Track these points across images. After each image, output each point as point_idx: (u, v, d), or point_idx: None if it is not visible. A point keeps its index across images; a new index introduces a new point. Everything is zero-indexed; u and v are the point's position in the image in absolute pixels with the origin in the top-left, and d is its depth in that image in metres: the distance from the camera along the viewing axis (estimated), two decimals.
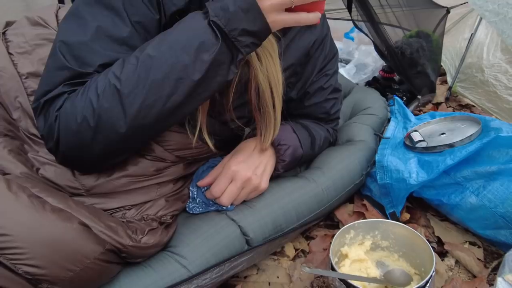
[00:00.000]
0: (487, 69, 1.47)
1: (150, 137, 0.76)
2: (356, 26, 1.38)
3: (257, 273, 0.93)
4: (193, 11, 0.73)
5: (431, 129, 1.11)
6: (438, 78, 1.68)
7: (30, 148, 0.79)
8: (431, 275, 0.72)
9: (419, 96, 1.52)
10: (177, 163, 0.87)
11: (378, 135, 1.17)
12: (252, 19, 0.65)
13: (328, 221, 1.06)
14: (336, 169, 1.01)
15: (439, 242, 0.97)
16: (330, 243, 0.81)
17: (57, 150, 0.69)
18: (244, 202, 0.91)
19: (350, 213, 1.06)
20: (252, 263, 0.91)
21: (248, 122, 0.92)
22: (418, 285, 0.71)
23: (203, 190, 0.92)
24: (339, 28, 1.83)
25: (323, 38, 0.99)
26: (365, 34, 1.38)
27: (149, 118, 0.66)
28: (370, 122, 1.21)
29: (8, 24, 0.92)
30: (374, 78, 1.62)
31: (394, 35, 1.42)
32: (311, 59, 0.98)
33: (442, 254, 0.94)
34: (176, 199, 0.87)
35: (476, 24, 1.58)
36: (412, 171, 0.96)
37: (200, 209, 0.90)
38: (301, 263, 0.94)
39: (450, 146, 0.98)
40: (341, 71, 1.67)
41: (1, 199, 0.59)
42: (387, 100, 1.35)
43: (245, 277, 0.92)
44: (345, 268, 0.82)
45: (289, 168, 0.97)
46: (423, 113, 1.40)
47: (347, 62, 1.79)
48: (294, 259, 0.96)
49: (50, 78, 0.69)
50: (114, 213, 0.78)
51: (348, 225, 0.85)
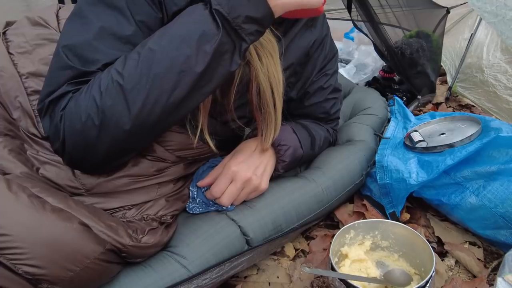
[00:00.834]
0: (487, 69, 1.47)
1: (154, 135, 0.74)
2: (356, 26, 1.38)
3: (257, 273, 0.93)
4: None
5: (431, 129, 1.11)
6: (438, 78, 1.68)
7: (30, 147, 0.79)
8: (431, 275, 0.72)
9: (419, 96, 1.52)
10: (178, 163, 0.87)
11: (378, 135, 1.17)
12: (255, 5, 0.64)
13: (328, 221, 1.06)
14: (336, 169, 1.01)
15: (439, 242, 0.97)
16: (330, 243, 0.81)
17: (64, 151, 0.69)
18: (244, 202, 0.91)
19: (350, 213, 1.06)
20: (252, 263, 0.91)
21: (248, 122, 0.92)
22: (418, 285, 0.71)
23: (203, 190, 0.93)
24: (339, 28, 1.83)
25: (323, 38, 0.99)
26: (365, 34, 1.38)
27: (153, 113, 0.65)
28: (370, 122, 1.21)
29: (8, 24, 0.92)
30: (374, 78, 1.62)
31: (394, 35, 1.42)
32: (311, 59, 0.98)
33: (442, 254, 0.94)
34: (176, 199, 0.87)
35: (476, 24, 1.58)
36: (412, 171, 0.96)
37: (200, 209, 0.90)
38: (301, 263, 0.94)
39: (450, 146, 0.98)
40: (341, 71, 1.68)
41: (1, 199, 0.59)
42: (387, 100, 1.36)
43: (245, 277, 0.92)
44: (345, 268, 0.82)
45: (289, 168, 0.97)
46: (423, 113, 1.40)
47: (347, 62, 1.79)
48: (294, 259, 0.96)
49: (54, 78, 0.69)
50: (114, 213, 0.78)
51: (348, 225, 0.85)
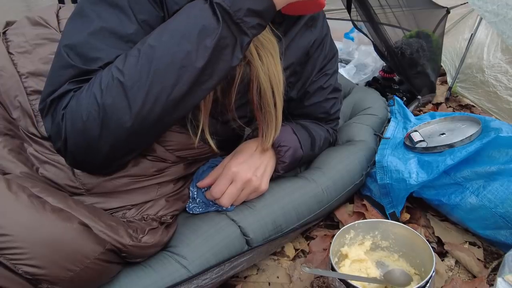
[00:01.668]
0: (487, 69, 1.47)
1: (155, 134, 0.73)
2: (355, 26, 1.38)
3: (257, 273, 0.93)
4: None
5: (431, 129, 1.11)
6: (438, 78, 1.68)
7: (30, 147, 0.79)
8: (431, 275, 0.72)
9: (419, 96, 1.52)
10: (178, 163, 0.87)
11: (378, 135, 1.17)
12: None
13: (328, 221, 1.06)
14: (336, 169, 1.01)
15: (439, 242, 0.97)
16: (330, 243, 0.81)
17: (66, 150, 0.68)
18: (244, 202, 0.91)
19: (350, 213, 1.06)
20: (252, 263, 0.91)
21: (249, 121, 0.92)
22: (418, 285, 0.71)
23: (203, 190, 0.93)
24: (339, 28, 1.83)
25: (322, 38, 0.99)
26: (365, 34, 1.38)
27: (154, 110, 0.64)
28: (370, 122, 1.21)
29: (9, 24, 0.92)
30: (374, 78, 1.62)
31: (394, 35, 1.42)
32: (310, 59, 0.98)
33: (442, 254, 0.94)
34: (176, 199, 0.87)
35: (476, 24, 1.58)
36: (412, 171, 0.96)
37: (200, 209, 0.90)
38: (301, 263, 0.94)
39: (450, 146, 0.98)
40: (341, 71, 1.68)
41: (1, 199, 0.59)
42: (387, 100, 1.36)
43: (245, 277, 0.92)
44: (345, 268, 0.82)
45: (289, 169, 0.97)
46: (423, 113, 1.40)
47: (347, 62, 1.79)
48: (294, 259, 0.96)
49: (55, 77, 0.69)
50: (114, 212, 0.78)
51: (348, 225, 0.85)
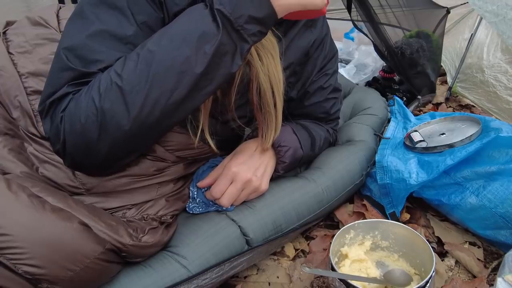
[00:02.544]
0: (487, 69, 1.47)
1: (154, 136, 0.73)
2: (355, 26, 1.38)
3: (257, 273, 0.93)
4: None
5: (431, 129, 1.11)
6: (438, 78, 1.68)
7: (30, 146, 0.79)
8: (431, 275, 0.72)
9: (419, 96, 1.52)
10: (178, 163, 0.87)
11: (378, 135, 1.17)
12: (258, 4, 0.64)
13: (328, 221, 1.06)
14: (336, 169, 1.01)
15: (439, 242, 0.97)
16: (330, 243, 0.81)
17: (65, 152, 0.68)
18: (244, 202, 0.91)
19: (350, 213, 1.06)
20: (252, 263, 0.91)
21: (249, 121, 0.92)
22: (418, 285, 0.71)
23: (203, 190, 0.93)
24: (339, 28, 1.83)
25: (322, 38, 0.99)
26: (365, 34, 1.38)
27: (153, 114, 0.64)
28: (370, 122, 1.21)
29: (9, 24, 0.92)
30: (374, 78, 1.62)
31: (394, 35, 1.42)
32: (310, 59, 0.98)
33: (442, 254, 0.94)
34: (176, 199, 0.87)
35: (476, 24, 1.58)
36: (412, 171, 0.96)
37: (200, 209, 0.90)
38: (301, 263, 0.94)
39: (450, 146, 0.98)
40: (341, 71, 1.68)
41: (1, 198, 0.59)
42: (387, 100, 1.36)
43: (245, 277, 0.92)
44: (345, 268, 0.82)
45: (289, 169, 0.97)
46: (423, 113, 1.40)
47: (347, 62, 1.79)
48: (294, 259, 0.96)
49: (55, 79, 0.69)
50: (114, 212, 0.78)
51: (348, 225, 0.85)
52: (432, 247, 0.81)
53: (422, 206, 1.05)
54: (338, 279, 0.74)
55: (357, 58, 1.77)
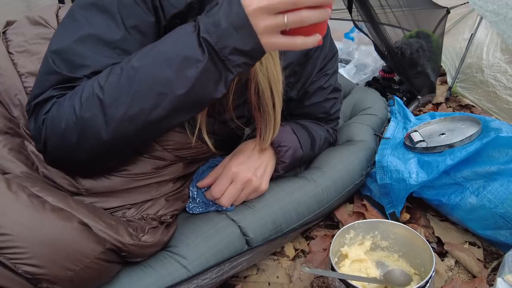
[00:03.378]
0: (487, 69, 1.47)
1: (134, 147, 0.74)
2: (356, 26, 1.38)
3: (257, 273, 0.93)
4: (193, 14, 0.73)
5: (431, 129, 1.11)
6: (438, 78, 1.68)
7: (30, 144, 0.79)
8: (431, 275, 0.72)
9: (419, 96, 1.52)
10: (177, 162, 0.87)
11: (378, 135, 1.17)
12: (244, 38, 0.61)
13: (328, 221, 1.06)
14: (336, 169, 1.01)
15: (439, 242, 0.97)
16: (330, 243, 0.81)
17: (45, 152, 0.70)
18: (244, 202, 0.91)
19: (350, 213, 1.06)
20: (252, 263, 0.91)
21: (247, 121, 0.92)
22: (418, 285, 0.71)
23: (203, 190, 0.93)
24: (339, 28, 1.83)
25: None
26: (365, 34, 1.38)
27: (131, 129, 0.65)
28: (370, 122, 1.21)
29: (9, 23, 0.92)
30: (374, 78, 1.62)
31: (394, 35, 1.42)
32: (310, 59, 0.98)
33: (442, 254, 0.94)
34: (176, 199, 0.87)
35: (476, 24, 1.58)
36: (412, 171, 0.96)
37: (200, 209, 0.90)
38: (301, 263, 0.94)
39: (450, 146, 0.98)
40: (341, 71, 1.68)
41: (1, 198, 0.59)
42: (387, 100, 1.36)
43: (245, 277, 0.92)
44: (345, 268, 0.82)
45: (289, 169, 0.97)
46: (423, 113, 1.40)
47: (347, 62, 1.79)
48: (294, 259, 0.96)
49: (41, 81, 0.70)
50: (114, 212, 0.78)
51: (348, 225, 0.85)
52: (432, 247, 0.81)
53: (422, 206, 1.05)
54: (338, 279, 0.74)
55: (357, 58, 1.77)
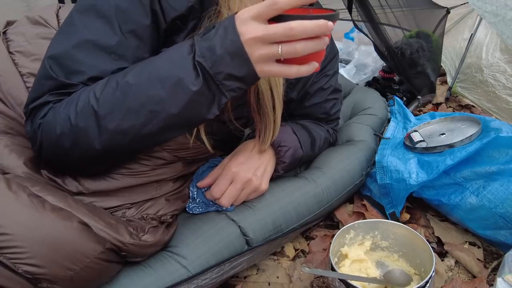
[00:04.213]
0: (486, 69, 1.47)
1: (126, 157, 0.76)
2: (356, 26, 1.39)
3: (257, 273, 0.93)
4: (194, 17, 0.73)
5: (431, 129, 1.11)
6: (438, 78, 1.68)
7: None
8: (431, 275, 0.72)
9: (419, 97, 1.52)
10: (176, 162, 0.87)
11: (378, 135, 1.17)
12: (238, 65, 0.61)
13: (328, 221, 1.06)
14: (336, 169, 1.01)
15: (439, 242, 0.97)
16: (330, 243, 0.81)
17: (41, 154, 0.72)
18: (244, 202, 0.91)
19: (350, 213, 1.06)
20: (252, 263, 0.91)
21: (246, 123, 0.92)
22: (418, 285, 0.71)
23: (203, 190, 0.92)
24: (339, 28, 1.82)
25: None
26: (365, 34, 1.38)
27: (123, 140, 0.66)
28: (370, 122, 1.21)
29: (9, 23, 0.92)
30: (374, 78, 1.62)
31: (394, 36, 1.43)
32: None
33: (442, 255, 0.94)
34: (176, 199, 0.87)
35: (476, 24, 1.58)
36: (412, 171, 0.96)
37: (200, 209, 0.90)
38: (301, 263, 0.94)
39: (450, 146, 0.98)
40: (341, 71, 1.68)
41: (1, 198, 0.58)
42: (387, 101, 1.36)
43: (245, 277, 0.92)
44: (345, 268, 0.82)
45: (289, 169, 0.97)
46: (423, 113, 1.40)
47: (347, 62, 1.79)
48: (294, 259, 0.96)
49: (38, 86, 0.71)
50: (113, 212, 0.78)
51: (348, 225, 0.85)
52: (432, 247, 0.81)
53: (422, 206, 1.05)
54: (338, 279, 0.74)
55: (357, 58, 1.77)
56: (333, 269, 0.76)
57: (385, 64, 1.60)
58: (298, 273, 0.91)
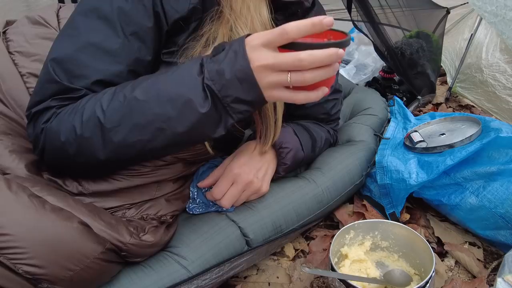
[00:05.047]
0: (486, 69, 1.47)
1: (129, 165, 0.77)
2: (356, 26, 1.38)
3: (257, 274, 0.93)
4: (196, 17, 0.74)
5: (431, 129, 1.11)
6: (438, 78, 1.68)
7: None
8: (431, 276, 0.72)
9: (419, 97, 1.52)
10: (176, 163, 0.87)
11: (378, 135, 1.17)
12: (247, 90, 0.62)
13: (328, 221, 1.06)
14: (336, 170, 1.01)
15: (439, 242, 0.97)
16: (330, 243, 0.81)
17: (43, 158, 0.72)
18: (244, 203, 0.90)
19: (350, 213, 1.06)
20: (252, 263, 0.91)
21: (247, 124, 0.92)
22: (418, 285, 0.71)
23: (203, 190, 0.92)
24: (339, 28, 1.83)
25: None
26: (365, 34, 1.38)
27: (128, 153, 0.68)
28: (370, 122, 1.21)
29: (9, 23, 0.92)
30: (374, 78, 1.62)
31: (394, 36, 1.43)
32: None
33: (442, 255, 0.94)
34: (176, 199, 0.87)
35: (476, 24, 1.58)
36: (412, 171, 0.96)
37: (200, 210, 0.90)
38: (301, 263, 0.94)
39: (450, 146, 0.98)
40: (341, 71, 1.68)
41: (1, 198, 0.58)
42: (387, 101, 1.36)
43: (245, 277, 0.92)
44: (345, 269, 0.82)
45: (290, 171, 0.97)
46: (423, 113, 1.40)
47: (347, 62, 1.79)
48: (294, 259, 0.96)
49: (41, 89, 0.71)
50: (114, 212, 0.78)
51: (348, 225, 0.85)
52: (432, 247, 0.81)
53: (422, 206, 1.05)
54: (338, 279, 0.75)
55: (357, 58, 1.77)
56: (333, 269, 0.76)
57: (385, 64, 1.60)
58: (298, 273, 0.91)
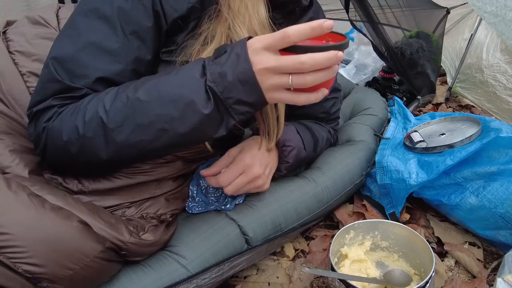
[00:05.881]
0: (486, 69, 1.47)
1: (131, 164, 0.78)
2: (354, 26, 1.38)
3: (256, 273, 0.93)
4: (195, 16, 0.74)
5: (431, 129, 1.11)
6: (438, 78, 1.68)
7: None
8: (431, 276, 0.72)
9: (419, 97, 1.52)
10: (176, 161, 0.87)
11: (378, 135, 1.17)
12: (249, 92, 0.63)
13: (328, 221, 1.06)
14: (336, 169, 1.01)
15: (439, 242, 0.97)
16: (330, 243, 0.81)
17: (44, 157, 0.73)
18: (244, 201, 0.90)
19: (350, 213, 1.06)
20: (252, 263, 0.91)
21: (247, 122, 0.92)
22: (418, 285, 0.71)
23: (202, 189, 0.92)
24: (339, 28, 1.82)
25: None
26: (363, 34, 1.38)
27: (130, 154, 0.69)
28: (370, 122, 1.21)
29: (9, 23, 0.92)
30: (374, 78, 1.62)
31: (394, 36, 1.43)
32: None
33: (442, 255, 0.94)
34: (176, 198, 0.87)
35: (476, 24, 1.58)
36: (412, 171, 0.96)
37: (200, 209, 0.90)
38: (301, 263, 0.94)
39: (450, 146, 0.98)
40: (341, 71, 1.68)
41: (1, 198, 0.58)
42: (387, 101, 1.36)
43: (245, 277, 0.92)
44: (345, 269, 0.82)
45: (291, 170, 0.97)
46: (423, 113, 1.40)
47: (347, 62, 1.79)
48: (294, 259, 0.96)
49: (42, 89, 0.71)
50: (113, 210, 0.78)
51: (348, 225, 0.85)
52: (432, 247, 0.81)
53: (422, 206, 1.05)
54: (338, 279, 0.74)
55: (357, 58, 1.78)
56: (333, 269, 0.76)
57: (385, 64, 1.60)
58: (298, 273, 0.91)
